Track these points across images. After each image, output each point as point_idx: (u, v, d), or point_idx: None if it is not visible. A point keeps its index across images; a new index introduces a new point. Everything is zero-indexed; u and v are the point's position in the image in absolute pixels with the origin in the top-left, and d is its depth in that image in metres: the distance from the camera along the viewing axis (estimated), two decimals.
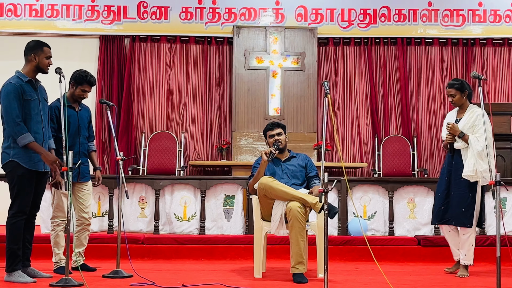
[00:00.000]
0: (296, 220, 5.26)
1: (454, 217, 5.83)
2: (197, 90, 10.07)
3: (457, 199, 5.83)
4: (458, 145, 5.86)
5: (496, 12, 10.12)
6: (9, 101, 5.00)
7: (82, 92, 5.73)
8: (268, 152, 5.60)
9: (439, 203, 5.96)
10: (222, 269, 6.16)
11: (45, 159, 5.00)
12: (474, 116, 5.87)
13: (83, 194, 5.82)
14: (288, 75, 9.88)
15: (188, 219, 7.49)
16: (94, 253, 6.46)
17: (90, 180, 5.94)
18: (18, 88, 5.03)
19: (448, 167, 5.97)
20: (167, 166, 9.62)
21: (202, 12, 10.03)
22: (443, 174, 6.03)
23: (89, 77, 5.74)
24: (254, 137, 9.65)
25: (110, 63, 9.97)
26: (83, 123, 5.84)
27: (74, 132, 5.70)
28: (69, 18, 9.90)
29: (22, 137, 4.98)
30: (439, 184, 6.05)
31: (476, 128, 5.80)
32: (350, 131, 10.11)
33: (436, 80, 10.13)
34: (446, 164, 6.03)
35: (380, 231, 7.51)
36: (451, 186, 5.89)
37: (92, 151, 6.00)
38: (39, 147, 5.02)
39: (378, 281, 5.32)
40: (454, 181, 5.87)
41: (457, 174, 5.85)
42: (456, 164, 5.88)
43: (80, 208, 5.80)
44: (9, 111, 4.99)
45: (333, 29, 10.12)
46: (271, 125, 5.91)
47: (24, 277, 5.01)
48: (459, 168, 5.84)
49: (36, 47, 5.20)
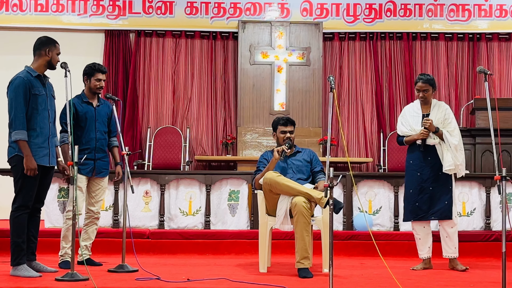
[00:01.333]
0: (301, 215, 5.25)
1: (438, 212, 5.84)
2: (202, 85, 10.07)
3: (438, 194, 5.84)
4: (433, 141, 5.84)
5: (502, 7, 10.09)
6: (16, 94, 5.02)
7: (97, 82, 5.78)
8: (280, 151, 5.57)
9: (413, 199, 5.90)
10: (227, 264, 6.16)
11: (25, 162, 4.99)
12: (444, 111, 5.91)
13: (97, 188, 5.85)
14: (293, 70, 9.87)
15: (193, 213, 7.50)
16: (99, 247, 6.47)
17: (108, 176, 5.95)
18: (26, 82, 5.05)
19: (420, 163, 5.90)
20: (172, 161, 9.63)
21: (207, 6, 10.03)
22: (413, 170, 5.93)
23: (97, 65, 5.82)
24: (259, 132, 9.64)
25: (115, 58, 9.98)
26: (101, 119, 5.85)
27: (91, 128, 5.72)
28: (74, 13, 9.92)
29: (18, 132, 4.99)
30: (410, 180, 5.97)
31: (446, 122, 5.86)
32: (355, 126, 10.10)
33: (442, 75, 10.10)
34: (416, 159, 5.93)
35: (385, 226, 7.50)
36: (427, 182, 5.86)
37: (114, 146, 6.00)
38: (27, 148, 5.00)
39: (383, 276, 5.31)
40: (433, 177, 5.85)
41: (435, 169, 5.84)
42: (432, 159, 5.86)
43: (90, 202, 5.83)
44: (14, 104, 5.02)
45: (339, 24, 10.10)
46: (285, 120, 5.84)
47: (29, 271, 5.03)
48: (436, 163, 5.84)
49: (49, 43, 5.24)
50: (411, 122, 5.96)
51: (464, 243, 6.53)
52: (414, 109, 6.02)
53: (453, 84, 10.13)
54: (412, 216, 5.92)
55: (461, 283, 5.11)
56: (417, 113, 5.97)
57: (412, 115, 6.00)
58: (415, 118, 5.96)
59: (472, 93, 10.04)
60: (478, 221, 7.40)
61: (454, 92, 10.04)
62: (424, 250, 5.95)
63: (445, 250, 5.96)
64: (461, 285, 4.98)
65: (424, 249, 5.95)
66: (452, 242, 5.90)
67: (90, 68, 5.80)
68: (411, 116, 5.99)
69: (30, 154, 5.00)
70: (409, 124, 5.96)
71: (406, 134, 5.98)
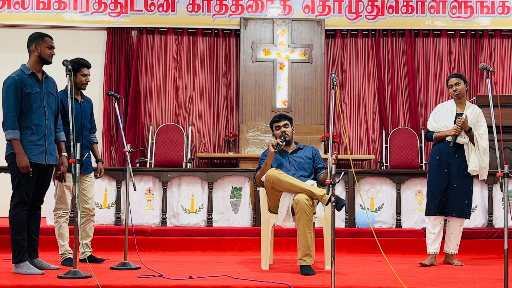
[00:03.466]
0: (303, 212, 5.25)
1: (457, 209, 5.92)
2: (204, 82, 10.07)
3: (462, 192, 5.92)
4: (463, 140, 5.89)
5: (504, 4, 10.08)
6: (7, 94, 5.05)
7: (83, 77, 5.72)
8: (275, 144, 5.58)
9: (439, 195, 5.96)
10: (229, 261, 6.17)
11: (17, 160, 4.99)
12: (477, 113, 5.99)
13: (86, 185, 5.82)
14: (296, 67, 9.87)
15: (195, 211, 7.50)
16: (101, 245, 6.49)
17: (93, 172, 5.93)
18: (17, 81, 5.05)
19: (447, 160, 5.96)
20: (174, 158, 9.64)
21: (209, 4, 10.02)
22: (440, 166, 5.99)
23: (83, 61, 5.75)
24: (261, 129, 9.64)
25: (117, 55, 9.98)
26: (86, 116, 5.84)
27: (79, 125, 5.69)
28: (76, 11, 9.92)
29: (9, 131, 5.00)
30: (437, 175, 6.01)
31: (478, 124, 5.93)
32: (357, 123, 10.10)
33: (444, 72, 10.10)
34: (443, 156, 5.99)
35: (387, 223, 7.50)
36: (454, 179, 5.93)
37: (94, 143, 5.98)
38: (19, 147, 5.00)
39: (385, 273, 5.31)
40: (458, 174, 5.93)
41: (461, 167, 5.93)
42: (459, 157, 5.93)
43: (84, 200, 5.79)
44: (6, 104, 5.05)
45: (341, 21, 10.09)
46: (277, 117, 5.89)
47: (32, 268, 5.03)
48: (462, 162, 5.93)
49: (37, 38, 5.21)
50: (444, 119, 6.01)
51: (466, 240, 6.54)
52: (449, 107, 6.09)
53: None
54: (438, 211, 5.96)
55: (463, 280, 5.11)
56: (451, 111, 6.03)
57: (445, 112, 6.05)
58: (448, 115, 6.02)
59: (475, 90, 10.03)
60: (480, 218, 7.41)
61: None
62: (435, 245, 5.98)
63: (447, 245, 6.05)
64: (463, 282, 4.98)
65: (435, 245, 5.98)
66: (456, 239, 6.01)
67: (75, 63, 5.67)
68: (445, 114, 6.04)
69: (22, 152, 4.99)
70: (442, 121, 6.00)
71: (437, 130, 6.03)
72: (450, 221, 6.03)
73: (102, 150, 9.71)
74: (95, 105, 6.32)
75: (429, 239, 6.02)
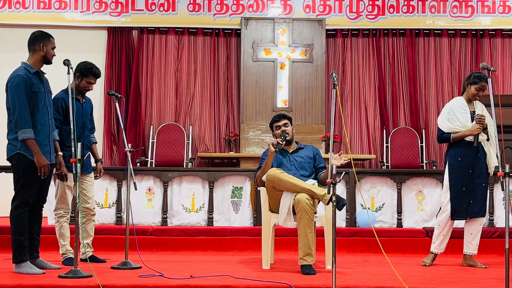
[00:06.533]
0: (304, 211, 5.25)
1: (482, 210, 5.85)
2: (205, 82, 10.08)
3: (484, 191, 5.86)
4: (482, 138, 5.79)
5: (505, 3, 10.08)
6: (18, 93, 4.96)
7: (87, 84, 5.71)
8: (275, 143, 5.57)
9: (467, 198, 5.81)
10: (230, 260, 6.16)
11: (37, 160, 4.97)
12: (485, 110, 5.90)
13: (86, 185, 5.82)
14: (296, 67, 9.87)
15: (196, 210, 7.51)
16: (102, 244, 6.48)
17: (93, 172, 5.93)
18: (27, 80, 4.99)
19: (472, 160, 5.81)
20: (175, 158, 9.64)
21: (210, 3, 10.02)
22: (462, 167, 5.83)
23: (95, 69, 5.70)
24: (262, 129, 9.64)
25: (118, 55, 9.98)
26: (87, 116, 5.84)
27: (79, 124, 5.68)
28: (77, 10, 9.92)
29: (24, 131, 4.93)
30: (461, 177, 5.84)
31: (488, 119, 5.82)
32: (358, 123, 10.10)
33: (445, 71, 10.09)
34: (466, 156, 5.83)
35: (388, 223, 7.50)
36: (479, 178, 5.82)
37: (93, 143, 5.98)
38: (36, 147, 4.96)
39: (386, 272, 5.31)
40: (482, 173, 5.84)
41: (481, 166, 5.83)
42: (481, 156, 5.82)
43: (84, 200, 5.79)
44: (18, 103, 4.96)
45: (342, 21, 10.09)
46: (277, 117, 5.88)
47: (33, 268, 5.03)
48: (482, 160, 5.82)
49: (43, 37, 5.17)
50: (461, 119, 5.84)
51: None
52: (461, 106, 5.91)
53: (456, 80, 10.11)
54: (468, 214, 5.84)
55: (464, 279, 5.11)
56: (465, 110, 5.88)
57: (460, 111, 5.88)
58: (464, 114, 5.86)
59: None
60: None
61: (457, 88, 10.01)
62: (442, 246, 5.92)
63: (467, 246, 5.91)
64: (464, 282, 4.98)
65: (442, 245, 5.92)
66: (476, 239, 5.88)
67: (86, 68, 5.66)
68: (460, 113, 5.87)
69: (40, 151, 4.96)
70: (460, 121, 5.84)
71: (454, 131, 5.85)
72: (470, 222, 5.89)
73: (103, 149, 9.72)
74: (95, 104, 6.33)
75: (437, 239, 5.92)
